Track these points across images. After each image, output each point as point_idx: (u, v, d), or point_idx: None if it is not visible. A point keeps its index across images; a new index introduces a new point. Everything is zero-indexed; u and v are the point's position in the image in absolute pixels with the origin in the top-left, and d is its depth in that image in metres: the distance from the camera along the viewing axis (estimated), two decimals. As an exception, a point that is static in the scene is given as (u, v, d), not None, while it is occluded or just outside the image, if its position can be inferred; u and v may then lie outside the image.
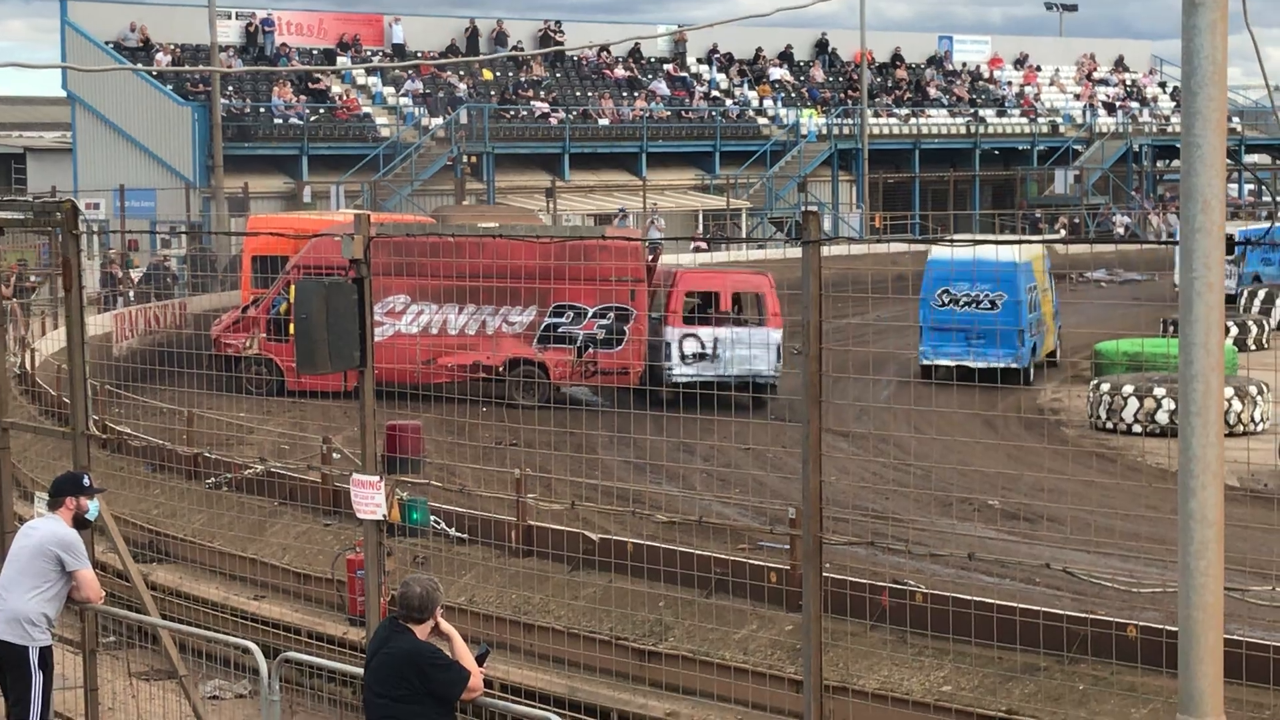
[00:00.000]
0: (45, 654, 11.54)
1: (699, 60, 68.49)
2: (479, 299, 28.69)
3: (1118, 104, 75.91)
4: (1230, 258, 48.66)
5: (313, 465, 18.74)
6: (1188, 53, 8.04)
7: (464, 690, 9.34)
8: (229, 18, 57.22)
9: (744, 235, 59.09)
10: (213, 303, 35.36)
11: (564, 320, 28.95)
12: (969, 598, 12.80)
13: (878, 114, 68.01)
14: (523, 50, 62.16)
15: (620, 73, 65.13)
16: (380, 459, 12.13)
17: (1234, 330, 37.34)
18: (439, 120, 57.17)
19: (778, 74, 69.16)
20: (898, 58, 73.41)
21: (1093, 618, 12.20)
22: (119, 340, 30.02)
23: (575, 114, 61.00)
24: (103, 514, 12.32)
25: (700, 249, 50.61)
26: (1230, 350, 32.95)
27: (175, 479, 19.26)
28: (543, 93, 61.68)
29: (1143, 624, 11.90)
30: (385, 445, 18.02)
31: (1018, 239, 33.75)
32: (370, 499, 11.47)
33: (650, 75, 66.01)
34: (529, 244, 27.15)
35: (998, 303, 32.32)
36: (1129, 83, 78.87)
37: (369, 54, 59.75)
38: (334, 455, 18.34)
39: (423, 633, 9.35)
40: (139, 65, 52.55)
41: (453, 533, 16.32)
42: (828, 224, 60.48)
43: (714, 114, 64.61)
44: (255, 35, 58.35)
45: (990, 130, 71.04)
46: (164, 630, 12.68)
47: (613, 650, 13.89)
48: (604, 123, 61.67)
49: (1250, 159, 77.09)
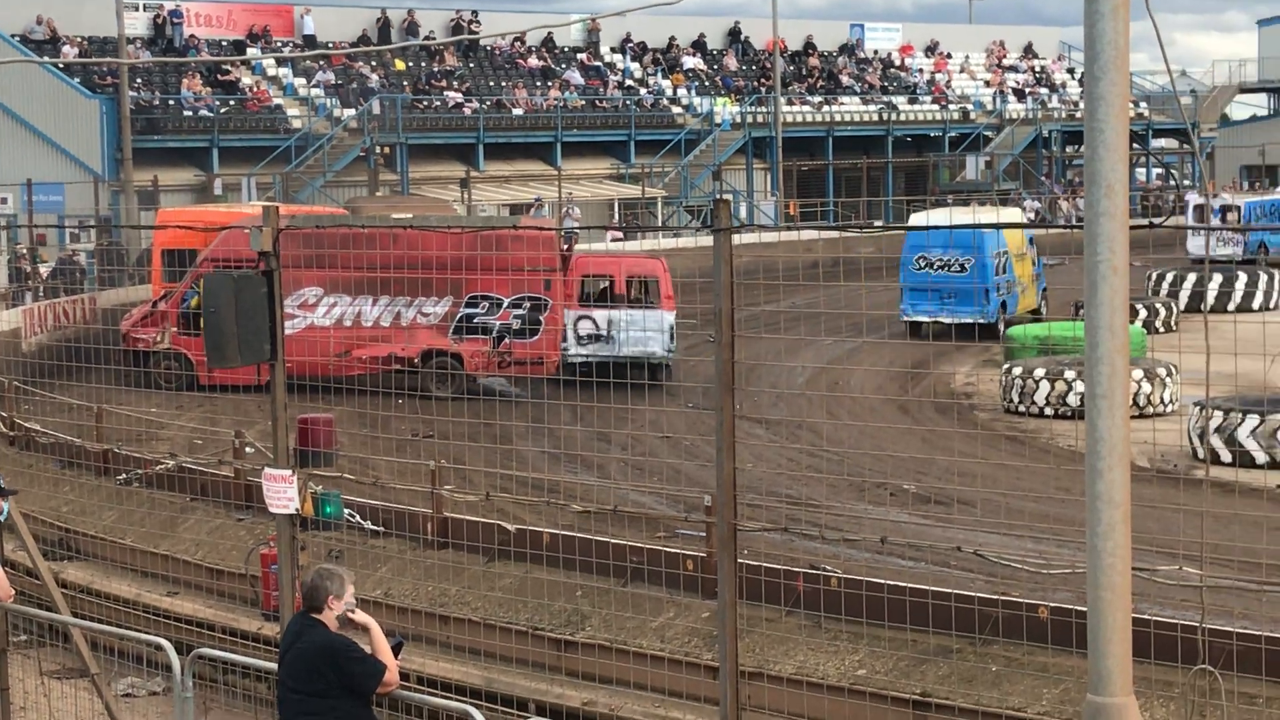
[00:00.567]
0: (-46, 654, 11.43)
1: (613, 49, 68.47)
2: (393, 290, 28.57)
3: (1027, 90, 76.46)
4: (1234, 227, 49.63)
5: (225, 460, 18.61)
6: (1090, 38, 8.09)
7: (380, 683, 9.30)
8: (136, 10, 56.72)
9: (659, 224, 59.16)
10: (123, 297, 35.03)
11: (479, 311, 28.86)
12: (883, 582, 12.87)
13: (791, 102, 68.21)
14: (435, 40, 61.92)
15: (534, 62, 65.02)
16: (293, 453, 12.06)
17: (1143, 313, 37.69)
18: (351, 111, 56.87)
19: (691, 63, 69.24)
20: (810, 46, 73.65)
21: (1004, 599, 12.29)
22: (27, 336, 29.68)
23: (489, 104, 60.83)
24: (12, 512, 12.20)
25: (616, 238, 50.58)
26: (1139, 332, 33.29)
27: (86, 476, 19.08)
28: (456, 83, 61.46)
29: (1053, 605, 12.01)
30: (297, 439, 17.91)
31: (991, 224, 36.33)
32: (283, 493, 11.41)
33: (564, 65, 65.92)
34: (443, 235, 27.02)
35: (966, 266, 36.15)
36: (1038, 69, 79.49)
37: (279, 45, 59.36)
38: (247, 449, 18.22)
39: (334, 624, 9.30)
40: (45, 58, 52.00)
41: (367, 525, 16.26)
42: (743, 212, 60.62)
43: (628, 103, 64.60)
44: (163, 27, 57.86)
45: (902, 117, 71.42)
46: (76, 628, 12.57)
47: (529, 641, 13.88)
48: (518, 112, 61.54)
49: (1157, 143, 77.87)
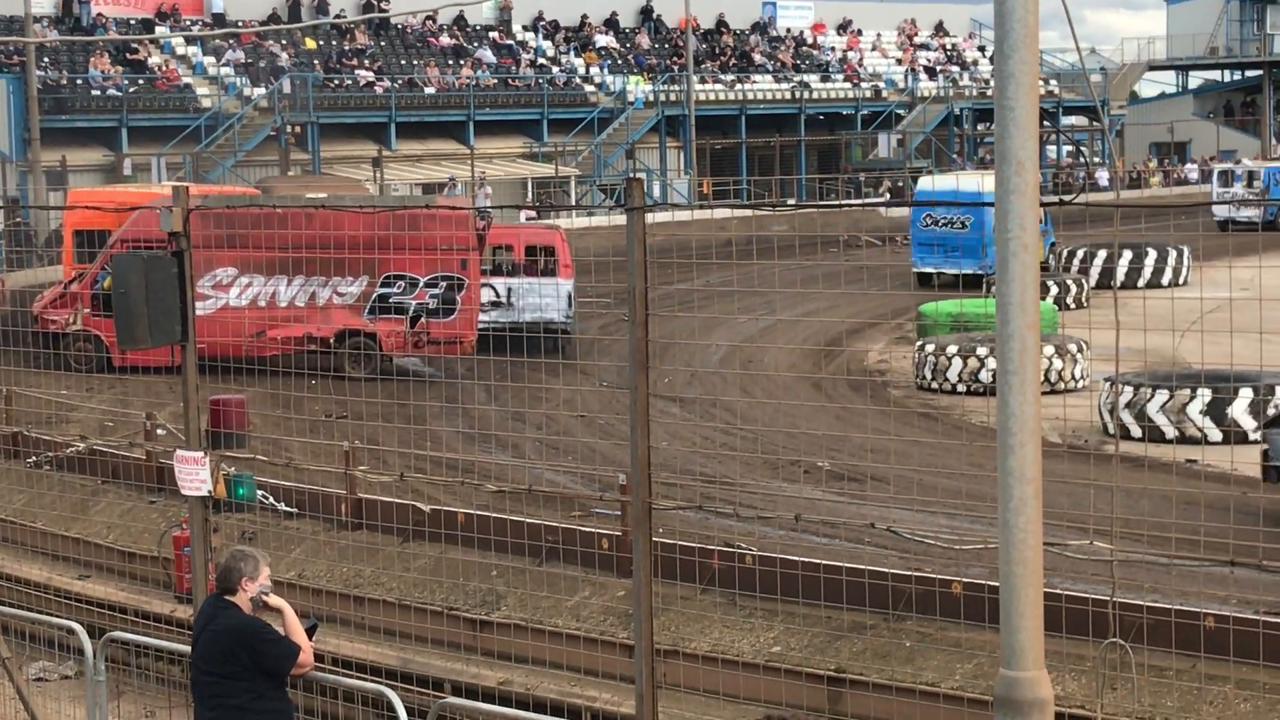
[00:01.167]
0: None
1: (525, 27, 68.29)
2: (308, 270, 28.39)
3: (938, 68, 76.89)
4: (1254, 191, 50.69)
5: (136, 442, 18.46)
6: (1000, 16, 8.14)
7: (294, 665, 9.27)
8: (44, -12, 56.10)
9: (573, 203, 59.11)
10: (32, 278, 34.68)
11: (395, 290, 28.74)
12: (797, 559, 12.92)
13: (704, 80, 68.27)
14: (346, 18, 61.56)
15: (445, 40, 64.75)
16: (205, 434, 11.99)
17: (1054, 289, 37.97)
18: (261, 90, 56.49)
19: (604, 41, 69.17)
20: (722, 24, 73.73)
21: (918, 575, 12.37)
22: (-65, 318, 29.32)
23: (401, 83, 60.56)
24: (-81, 496, 12.08)
25: (531, 217, 50.50)
26: (1050, 309, 33.55)
27: (-5, 459, 18.90)
28: (367, 61, 61.14)
29: (966, 580, 12.09)
30: (210, 420, 17.79)
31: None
32: (195, 475, 11.34)
33: (476, 43, 65.70)
34: (358, 214, 26.92)
35: (966, 224, 40.57)
36: (949, 47, 79.91)
37: (188, 23, 58.87)
38: (158, 431, 18.08)
39: (247, 606, 9.25)
40: (-49, 37, 51.29)
41: (281, 507, 16.18)
42: (656, 190, 60.68)
43: (541, 81, 64.46)
44: (71, 5, 57.21)
45: (815, 95, 71.61)
46: (-15, 613, 12.44)
47: (445, 621, 13.85)
48: (430, 91, 61.28)
49: (1067, 121, 78.47)
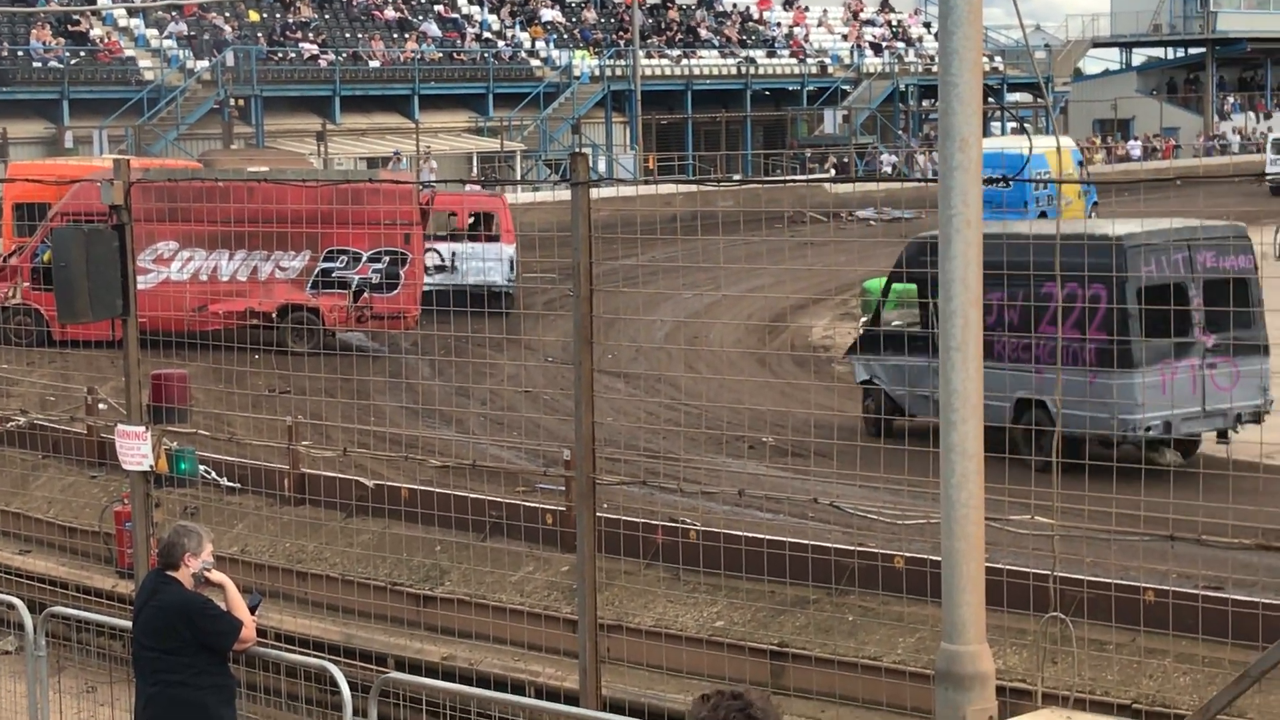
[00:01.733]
0: None
1: (470, 1, 68.03)
2: (250, 244, 28.26)
3: (884, 44, 76.98)
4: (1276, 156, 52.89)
5: (77, 417, 18.36)
6: (944, -8, 8.15)
7: (236, 640, 9.25)
8: (-17, -42, 55.57)
9: (518, 178, 58.97)
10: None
11: (338, 265, 28.64)
12: (741, 534, 12.95)
13: (650, 55, 68.16)
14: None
15: (390, 14, 64.45)
16: (146, 409, 11.93)
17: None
18: (205, 63, 56.13)
19: (550, 15, 68.97)
20: (668, -1, 73.67)
21: (861, 550, 12.42)
22: (-127, 292, 29.06)
23: (345, 56, 60.27)
24: None
25: (475, 192, 50.35)
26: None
27: (-66, 434, 18.75)
28: (311, 34, 60.81)
29: (909, 555, 12.14)
30: (151, 395, 17.70)
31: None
32: (136, 450, 11.30)
33: (420, 16, 65.42)
34: (301, 188, 26.77)
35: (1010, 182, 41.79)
36: (895, 23, 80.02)
37: (131, -5, 58.45)
38: (100, 406, 17.98)
39: (189, 582, 9.22)
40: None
41: (223, 482, 16.12)
42: (602, 165, 60.60)
43: (486, 56, 64.25)
44: (11, -24, 56.70)
45: (761, 71, 71.62)
46: (-76, 589, 12.37)
47: (388, 596, 13.84)
48: (375, 65, 61.02)
49: (1012, 98, 78.70)
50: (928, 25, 79.99)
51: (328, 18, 62.98)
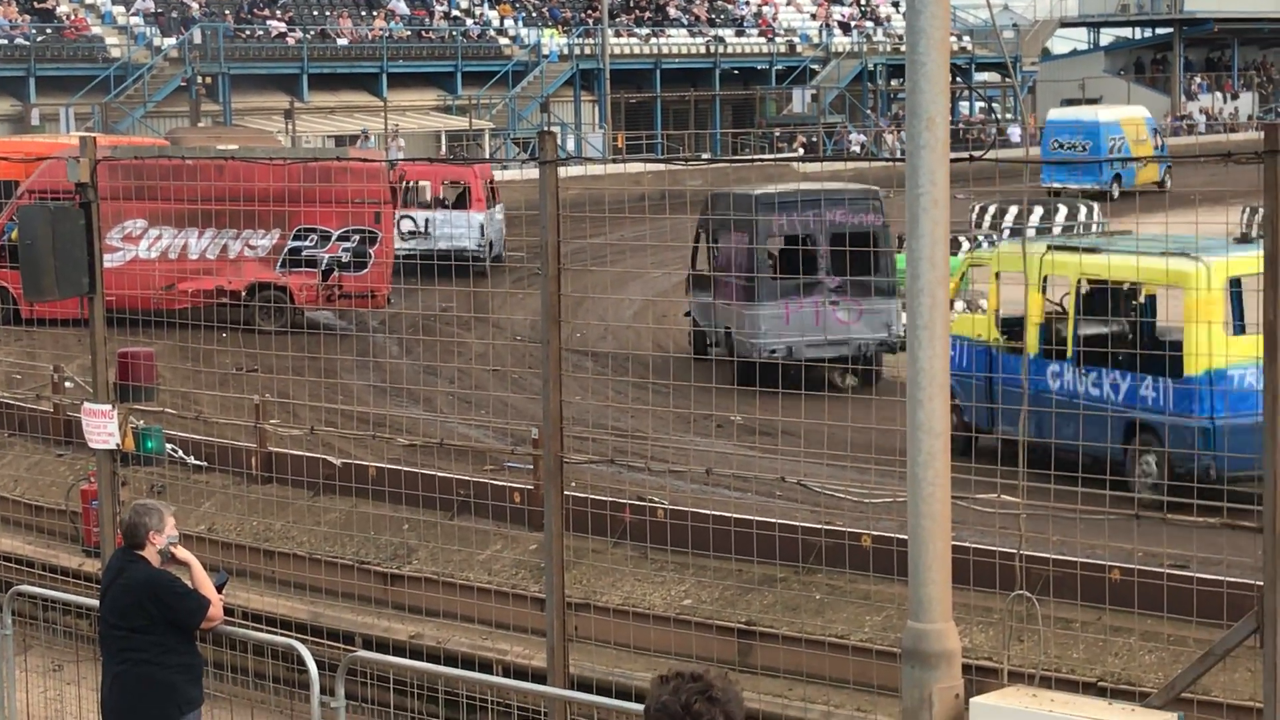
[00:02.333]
0: None
1: (439, -21, 67.87)
2: (219, 223, 28.15)
3: (853, 23, 76.95)
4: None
5: (44, 395, 18.29)
6: (911, -28, 8.16)
7: (204, 618, 9.23)
8: (-53, -67, 55.23)
9: (486, 156, 58.83)
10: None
11: (307, 244, 28.55)
12: (708, 512, 12.95)
13: (619, 34, 68.05)
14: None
15: (358, -8, 64.26)
16: (113, 387, 11.88)
17: (966, 245, 38.14)
18: (171, 40, 55.88)
19: (518, -7, 68.85)
20: (638, -23, 73.53)
21: (828, 529, 12.44)
22: None
23: (313, 34, 60.04)
24: None
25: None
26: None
27: (-101, 412, 18.66)
28: (279, 12, 60.57)
29: (876, 534, 12.16)
30: (118, 373, 17.63)
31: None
32: (103, 428, 11.25)
33: (389, -6, 65.23)
34: (270, 166, 26.69)
35: (1086, 147, 51.25)
36: (863, 2, 79.99)
37: (97, -28, 58.14)
38: (66, 384, 17.90)
39: (156, 559, 9.19)
40: None
41: (190, 460, 16.07)
42: (571, 144, 60.48)
43: (455, 34, 64.08)
44: (-24, -48, 56.37)
45: (729, 50, 71.56)
46: (-111, 568, 12.31)
47: (356, 575, 13.83)
48: (343, 42, 60.81)
49: (980, 77, 78.78)
50: (896, 4, 79.96)
51: (296, -5, 62.77)
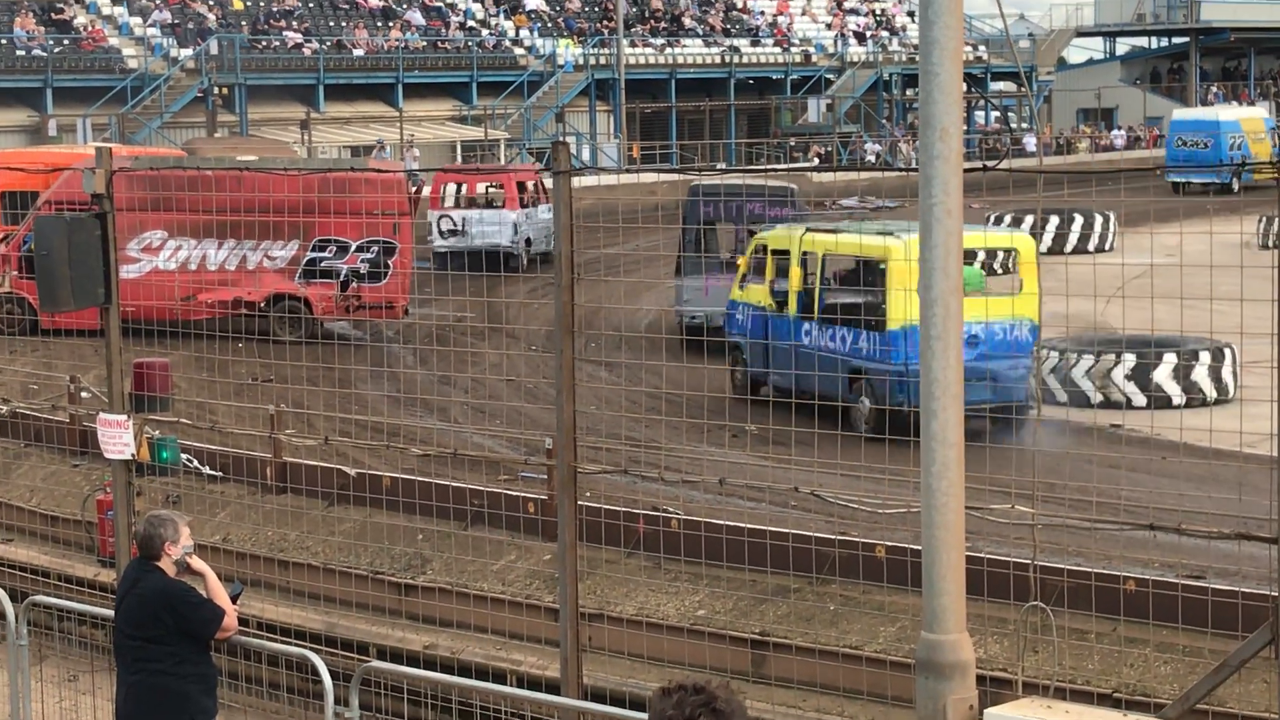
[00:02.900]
0: None
1: (454, -11, 67.97)
2: (239, 234, 28.19)
3: (868, 33, 76.95)
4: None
5: (60, 405, 18.31)
6: (924, -18, 8.14)
7: (219, 628, 9.23)
8: (-35, -55, 55.43)
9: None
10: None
11: (326, 255, 28.57)
12: (722, 523, 12.93)
13: (634, 44, 68.09)
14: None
15: (375, 2, 64.33)
16: (128, 398, 11.90)
17: (981, 255, 38.08)
18: (188, 51, 55.99)
19: (534, 3, 68.87)
20: (653, -13, 73.58)
21: (842, 539, 12.41)
22: None
23: (329, 44, 60.15)
24: None
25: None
26: (978, 274, 33.64)
27: (-84, 422, 18.70)
28: (295, 22, 60.68)
29: (890, 544, 12.14)
30: (133, 384, 17.66)
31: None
32: (118, 438, 11.27)
33: (405, 4, 65.29)
34: (289, 177, 26.73)
35: (1207, 144, 56.07)
36: (879, 12, 79.97)
37: (115, -17, 58.29)
38: (83, 395, 17.93)
39: (171, 570, 9.20)
40: None
41: (205, 470, 16.08)
42: (585, 154, 60.53)
43: (470, 44, 64.15)
44: (-6, -37, 56.55)
45: (744, 60, 71.55)
46: (-95, 578, 12.34)
47: (370, 585, 13.82)
48: (359, 53, 60.91)
49: (996, 86, 78.72)
50: (911, 14, 79.88)
51: (312, 6, 62.85)
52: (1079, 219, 42.26)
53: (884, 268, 21.61)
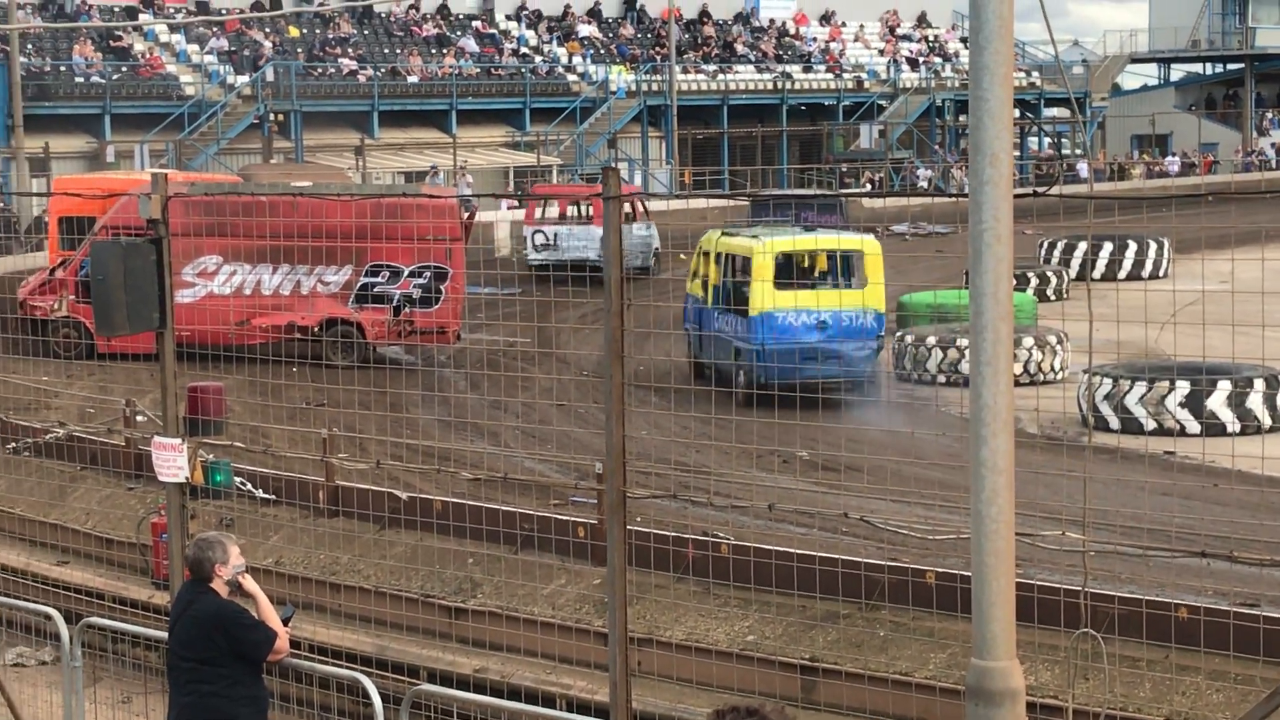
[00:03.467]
0: None
1: (507, 17, 68.19)
2: (293, 259, 28.32)
3: (921, 60, 76.87)
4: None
5: (115, 429, 18.42)
6: (975, 8, 8.13)
7: (271, 650, 9.25)
8: (27, -26, 55.92)
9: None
10: (17, 265, 34.62)
11: (380, 280, 28.67)
12: (772, 548, 12.90)
13: (686, 70, 68.18)
14: (329, 5, 61.42)
15: (429, 29, 64.65)
16: (182, 421, 11.95)
17: (1034, 281, 38.02)
18: (245, 78, 56.36)
19: (586, 31, 69.08)
20: (705, 14, 73.65)
21: (892, 565, 12.37)
22: (-84, 304, 29.25)
23: (384, 71, 60.44)
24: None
25: (511, 206, 50.52)
26: (1030, 300, 33.59)
27: (-26, 445, 18.84)
28: (350, 50, 61.02)
29: (939, 570, 12.10)
30: (188, 407, 17.75)
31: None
32: (172, 461, 11.31)
33: (459, 32, 65.58)
34: (343, 203, 26.83)
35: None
36: (931, 38, 79.91)
37: (172, 11, 58.68)
38: (138, 418, 18.03)
39: (224, 590, 9.24)
40: (-67, 22, 51.11)
41: (258, 494, 16.15)
42: (638, 180, 60.59)
43: (523, 71, 64.37)
44: (54, -9, 57.06)
45: (797, 86, 71.57)
46: (-38, 599, 12.42)
47: (421, 608, 13.85)
48: (413, 80, 61.18)
49: (1050, 112, 78.50)
50: (964, 41, 79.77)
51: (366, 33, 63.19)
52: (1132, 245, 42.04)
53: (750, 263, 25.37)
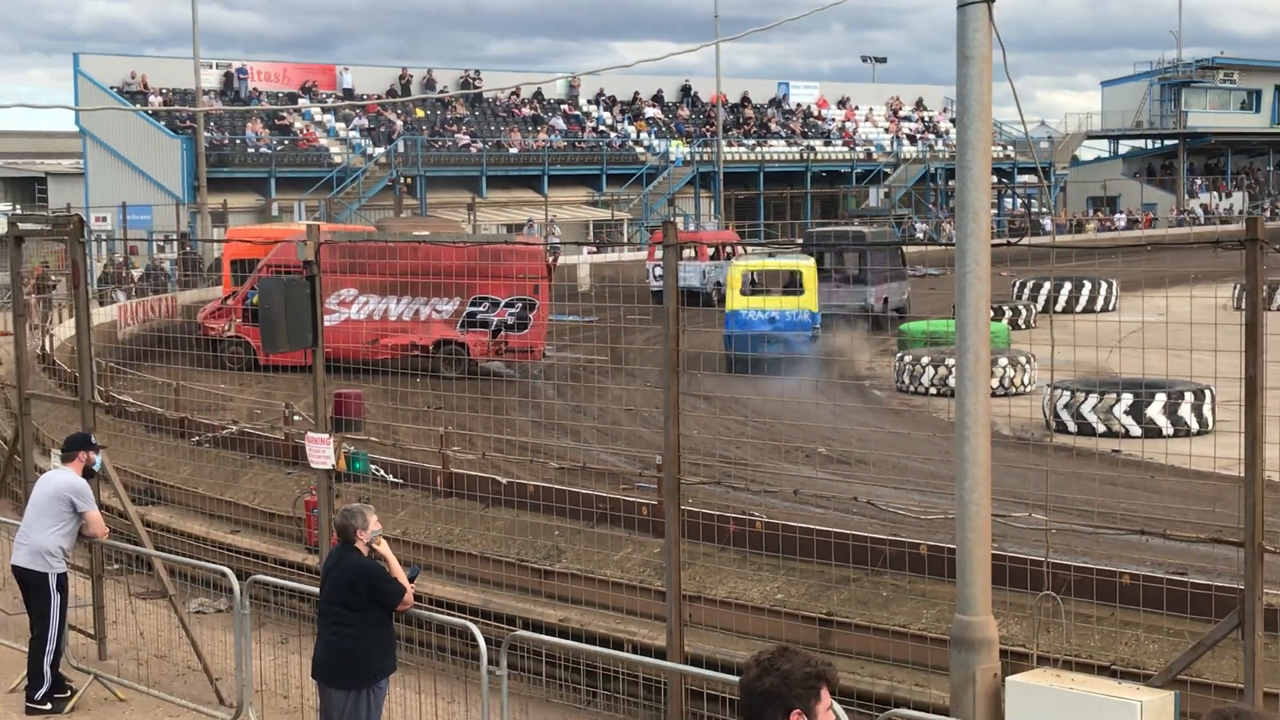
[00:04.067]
0: (62, 579, 11.39)
1: (589, 101, 68.38)
2: (413, 291, 28.48)
3: (918, 136, 76.61)
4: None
5: (277, 426, 18.54)
6: (961, 96, 8.15)
7: (400, 601, 9.30)
8: (211, 67, 56.49)
9: (625, 240, 59.12)
10: (198, 296, 34.92)
11: (481, 309, 28.80)
12: (797, 525, 12.88)
13: (730, 144, 68.23)
14: (448, 93, 61.77)
15: (526, 111, 64.90)
16: (330, 420, 12.03)
17: (1008, 313, 37.79)
18: (381, 149, 56.72)
19: (651, 112, 69.21)
20: (746, 99, 73.66)
21: (893, 539, 12.33)
22: (122, 326, 29.55)
23: (491, 144, 60.72)
24: (106, 466, 12.15)
25: (592, 251, 50.61)
26: (1004, 329, 33.43)
27: (166, 438, 18.98)
28: (464, 127, 61.33)
29: (930, 543, 12.04)
30: (334, 409, 17.83)
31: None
32: (322, 452, 11.39)
33: (550, 113, 65.82)
34: (453, 248, 26.98)
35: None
36: (927, 119, 79.65)
37: (324, 96, 59.18)
38: (295, 418, 18.16)
39: (365, 550, 9.31)
40: (137, 106, 51.71)
41: (389, 478, 16.21)
42: (691, 226, 60.50)
43: (601, 144, 64.53)
44: (232, 81, 57.63)
45: (819, 156, 71.51)
46: (157, 559, 12.53)
47: (517, 570, 13.86)
48: (513, 151, 61.44)
49: (1022, 179, 78.11)
50: (953, 121, 79.29)
51: (477, 114, 63.50)
52: (1087, 285, 41.78)
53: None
